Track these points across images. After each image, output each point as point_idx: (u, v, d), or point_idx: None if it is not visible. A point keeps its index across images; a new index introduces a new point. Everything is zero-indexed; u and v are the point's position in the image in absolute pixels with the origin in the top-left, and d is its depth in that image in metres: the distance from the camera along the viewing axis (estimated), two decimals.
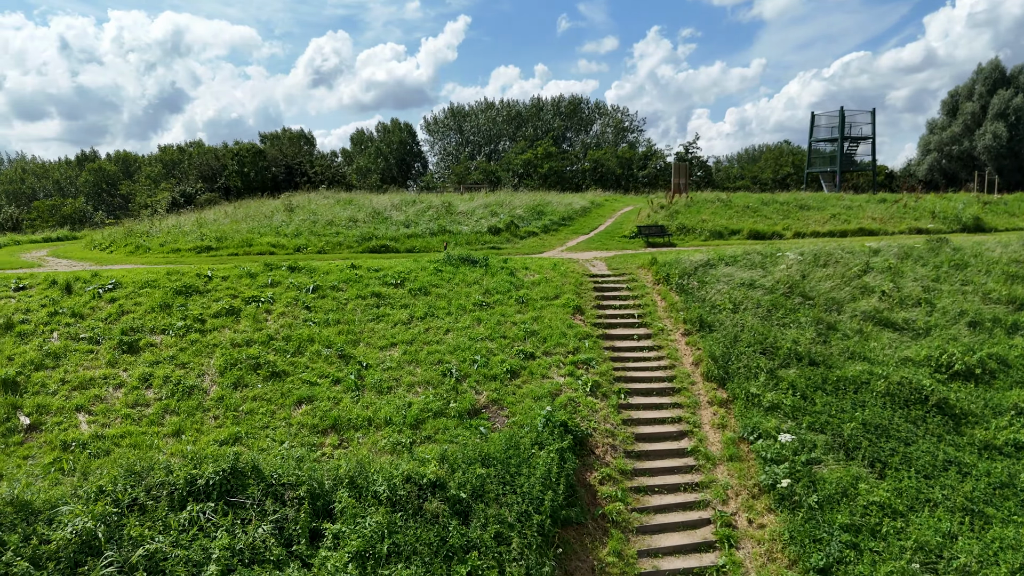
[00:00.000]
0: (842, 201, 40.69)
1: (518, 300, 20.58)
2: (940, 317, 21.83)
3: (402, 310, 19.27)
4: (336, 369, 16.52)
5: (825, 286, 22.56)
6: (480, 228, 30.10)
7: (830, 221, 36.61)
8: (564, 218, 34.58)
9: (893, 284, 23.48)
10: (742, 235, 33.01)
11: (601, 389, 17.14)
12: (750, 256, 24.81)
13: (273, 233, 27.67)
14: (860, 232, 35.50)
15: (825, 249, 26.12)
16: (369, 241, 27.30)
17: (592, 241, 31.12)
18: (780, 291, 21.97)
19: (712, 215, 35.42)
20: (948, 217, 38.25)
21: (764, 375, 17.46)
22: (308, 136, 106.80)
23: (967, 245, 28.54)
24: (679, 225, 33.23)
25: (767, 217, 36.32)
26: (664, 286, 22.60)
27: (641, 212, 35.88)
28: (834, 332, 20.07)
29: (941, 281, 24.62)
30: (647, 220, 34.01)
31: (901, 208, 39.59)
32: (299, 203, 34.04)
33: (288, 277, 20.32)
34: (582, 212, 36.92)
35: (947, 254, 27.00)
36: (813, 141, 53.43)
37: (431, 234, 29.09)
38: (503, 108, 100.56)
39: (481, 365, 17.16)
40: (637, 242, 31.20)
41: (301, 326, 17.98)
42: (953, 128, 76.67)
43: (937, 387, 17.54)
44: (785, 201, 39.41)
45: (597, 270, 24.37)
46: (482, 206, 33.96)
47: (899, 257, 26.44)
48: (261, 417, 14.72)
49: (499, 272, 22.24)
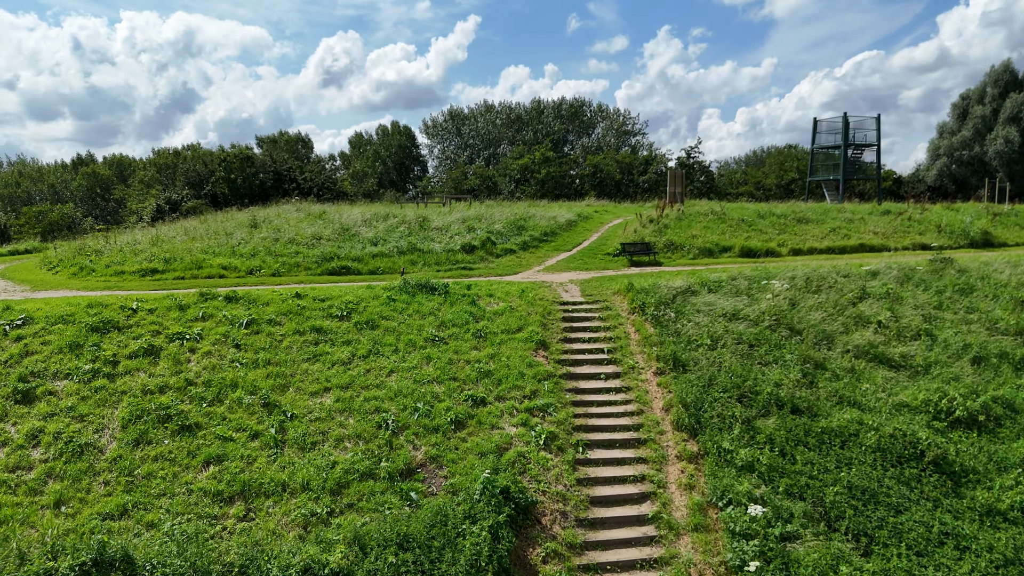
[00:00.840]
0: (843, 214, 38.71)
1: (476, 334, 18.77)
2: (941, 352, 19.91)
3: (343, 348, 17.48)
4: (256, 420, 14.76)
5: (815, 317, 20.66)
6: (453, 246, 28.32)
7: (829, 236, 34.66)
8: (546, 233, 32.75)
9: (891, 313, 21.56)
10: (734, 252, 31.10)
11: (557, 441, 15.31)
12: (735, 282, 22.93)
13: (228, 253, 25.95)
14: (860, 248, 33.53)
15: (819, 272, 24.22)
16: (330, 262, 25.53)
17: (573, 259, 29.29)
18: (765, 323, 20.09)
19: (703, 230, 33.52)
20: (955, 231, 36.22)
21: (739, 426, 15.58)
22: (305, 139, 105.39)
23: (973, 266, 26.59)
24: (667, 242, 31.35)
25: (762, 232, 34.39)
26: (639, 316, 20.76)
27: (628, 227, 34.03)
28: (822, 372, 18.17)
29: (944, 309, 22.70)
30: (633, 236, 32.16)
31: (905, 221, 37.58)
32: (267, 217, 32.36)
33: (223, 309, 18.57)
34: (567, 226, 35.07)
35: (951, 277, 25.07)
36: (816, 148, 51.43)
37: (399, 253, 27.31)
38: (503, 111, 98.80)
39: (423, 414, 15.37)
40: (620, 261, 29.34)
41: (226, 368, 16.22)
42: (963, 132, 74.42)
43: (934, 440, 15.63)
44: (783, 214, 37.46)
45: (570, 296, 22.55)
46: (459, 221, 32.17)
47: (899, 281, 24.52)
48: (159, 482, 12.96)
49: (459, 301, 20.44)
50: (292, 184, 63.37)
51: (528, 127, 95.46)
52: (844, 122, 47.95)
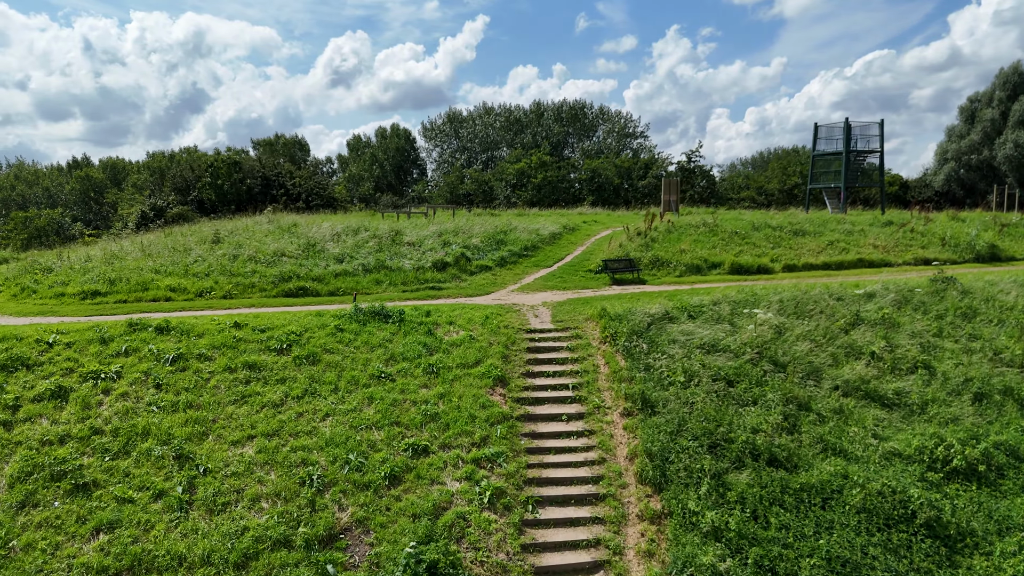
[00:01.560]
0: (842, 225, 36.95)
1: (428, 369, 17.17)
2: (939, 388, 18.21)
3: (277, 387, 15.90)
4: (164, 477, 13.19)
5: (802, 348, 18.97)
6: (424, 263, 26.72)
7: (826, 250, 32.93)
8: (526, 248, 31.11)
9: (885, 342, 19.86)
10: (723, 269, 29.40)
11: (504, 499, 13.69)
12: (718, 307, 21.26)
13: (181, 272, 24.39)
14: (859, 264, 31.78)
15: (809, 295, 22.54)
16: (288, 282, 23.95)
17: (552, 277, 27.64)
18: (746, 356, 18.42)
19: (693, 244, 31.82)
20: (960, 245, 34.43)
21: (708, 482, 13.92)
22: (302, 142, 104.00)
23: (977, 286, 24.87)
24: (653, 257, 29.67)
25: (756, 246, 32.67)
26: (611, 346, 19.12)
27: (614, 240, 32.35)
28: (806, 414, 16.48)
29: (944, 336, 21.00)
30: (618, 251, 30.48)
31: (907, 234, 35.79)
32: (234, 230, 30.84)
33: (151, 342, 17.01)
34: (550, 240, 33.41)
35: (953, 299, 23.38)
36: (816, 154, 49.59)
37: (365, 271, 25.72)
38: (502, 113, 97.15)
39: (354, 467, 13.77)
40: (602, 278, 27.69)
41: (141, 412, 14.67)
42: (972, 136, 72.36)
43: (928, 498, 13.93)
44: (778, 226, 35.74)
45: (539, 322, 20.92)
46: (435, 235, 30.57)
47: (896, 304, 22.83)
48: (37, 556, 11.40)
49: (414, 330, 18.84)
50: (281, 190, 61.87)
51: (527, 130, 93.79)
52: (846, 127, 46.11)
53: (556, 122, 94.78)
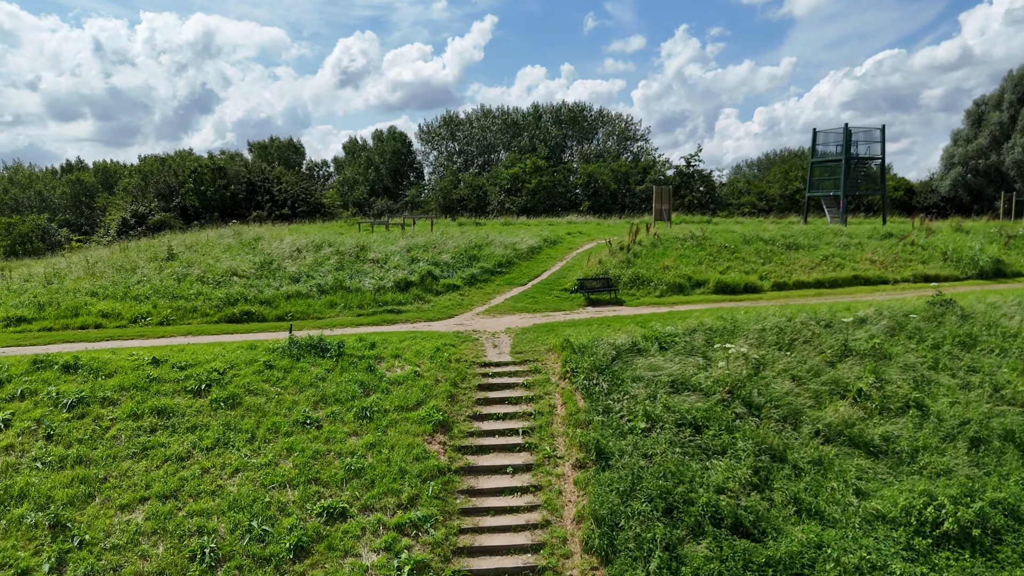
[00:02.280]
0: (839, 238, 35.09)
1: (361, 413, 15.47)
2: (932, 432, 16.42)
3: (186, 436, 14.23)
4: (33, 551, 11.53)
5: (781, 386, 17.19)
6: (386, 283, 25.02)
7: (820, 266, 31.09)
8: (501, 264, 29.37)
9: (875, 377, 18.08)
10: (708, 288, 27.60)
11: (426, 575, 11.98)
12: (692, 337, 19.50)
13: (120, 295, 22.75)
14: (854, 281, 29.93)
15: (794, 322, 20.76)
16: (233, 306, 22.27)
17: (523, 298, 25.90)
18: (718, 395, 16.66)
19: (678, 259, 30.03)
20: (962, 260, 32.53)
21: (660, 555, 12.17)
22: (296, 145, 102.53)
23: (978, 310, 23.06)
24: (633, 275, 27.89)
25: (745, 261, 30.86)
26: (570, 383, 17.39)
27: (593, 256, 30.56)
28: (780, 466, 14.71)
29: (940, 369, 19.21)
30: (597, 267, 28.70)
31: (907, 248, 33.91)
32: (194, 244, 29.21)
33: (54, 382, 15.37)
34: (528, 255, 31.66)
35: (951, 325, 21.61)
36: (815, 161, 47.67)
37: (321, 292, 24.04)
38: (500, 115, 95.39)
39: (257, 537, 12.09)
40: (577, 299, 25.95)
41: (24, 469, 13.03)
42: (979, 140, 70.25)
43: (911, 574, 12.16)
44: (771, 239, 33.90)
45: (496, 353, 19.19)
46: (403, 250, 28.86)
47: (889, 331, 21.05)
48: None
49: (353, 366, 17.14)
50: (266, 196, 60.33)
51: (525, 133, 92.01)
52: (845, 133, 44.20)
53: (555, 125, 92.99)
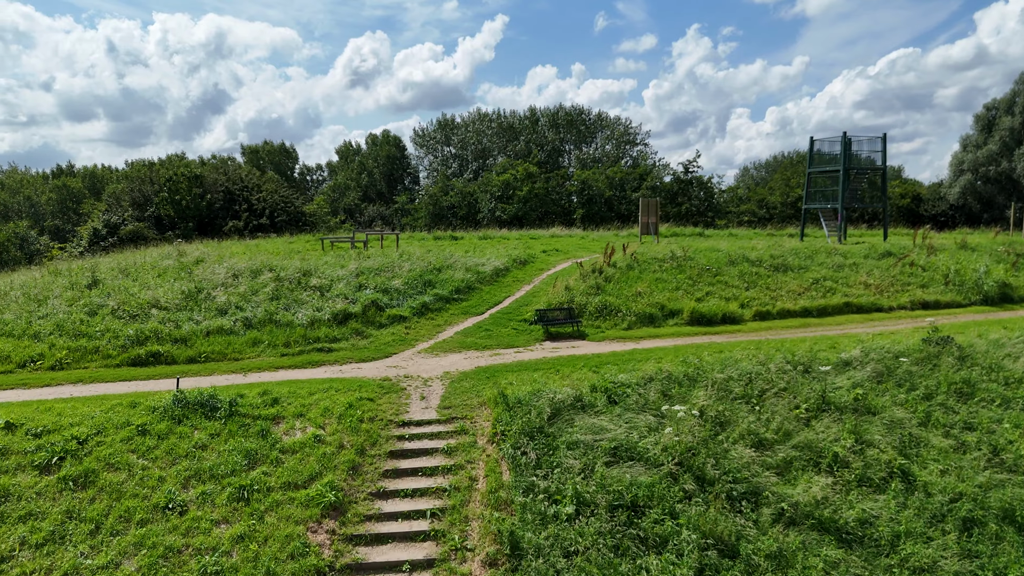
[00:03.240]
0: (832, 258, 32.54)
1: (238, 493, 13.13)
2: (917, 512, 13.99)
3: (14, 529, 11.92)
4: None
5: (741, 455, 14.76)
6: (323, 315, 22.69)
7: (809, 291, 28.57)
8: (460, 290, 26.98)
9: (855, 438, 15.67)
10: (682, 318, 25.14)
11: None
12: (647, 388, 17.09)
13: (18, 332, 20.43)
14: (845, 308, 27.40)
15: (767, 368, 18.32)
16: (141, 345, 19.98)
17: (476, 331, 23.52)
18: (666, 467, 14.25)
19: (653, 284, 27.58)
20: (965, 283, 29.93)
21: None
22: (289, 150, 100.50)
23: (979, 349, 20.62)
24: (601, 304, 25.44)
25: (727, 285, 28.37)
26: (498, 449, 15.02)
27: (559, 281, 28.05)
28: (731, 564, 12.29)
29: (931, 425, 16.77)
30: (563, 295, 26.24)
31: (906, 270, 31.32)
32: (127, 267, 26.97)
33: None
34: (492, 278, 29.23)
35: (947, 368, 19.21)
36: (811, 172, 45.04)
37: (247, 327, 21.72)
38: (495, 119, 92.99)
39: None
40: (535, 332, 23.56)
41: None
42: (989, 146, 67.33)
43: None
44: (757, 259, 31.38)
45: (422, 407, 16.83)
46: (351, 275, 26.51)
47: (876, 377, 18.65)
48: None
49: (243, 430, 14.81)
50: (243, 205, 58.15)
51: (521, 137, 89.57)
52: (844, 143, 41.56)
53: (552, 129, 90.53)
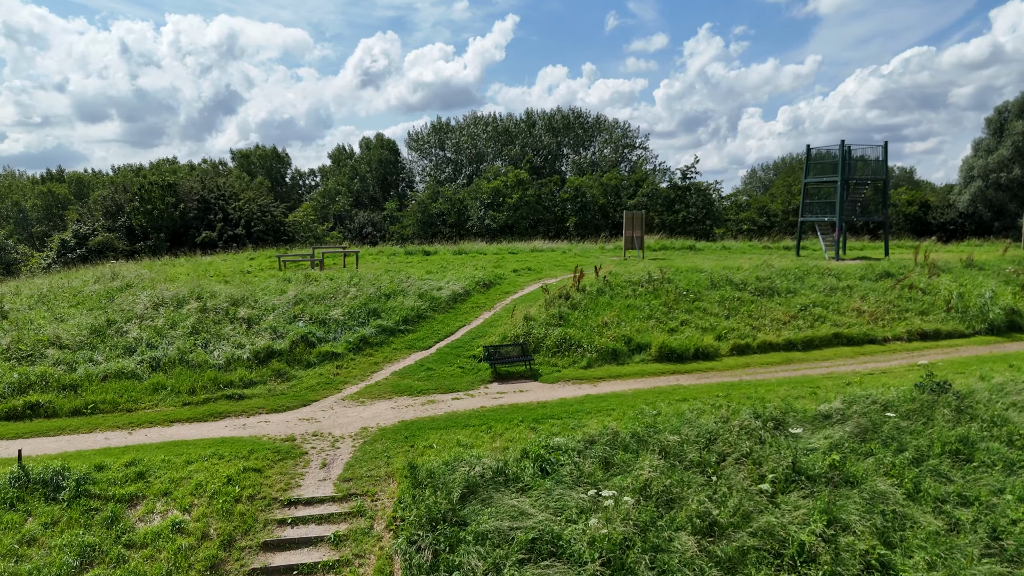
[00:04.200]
0: (824, 279, 29.87)
1: None
2: None
3: None
4: None
5: (684, 547, 12.24)
6: (244, 352, 20.28)
7: (796, 319, 25.94)
8: (408, 320, 24.48)
9: (827, 521, 13.15)
10: (650, 353, 22.60)
11: None
12: (587, 452, 14.64)
13: None
14: (834, 340, 24.79)
15: (730, 427, 15.81)
16: (23, 394, 17.56)
17: (416, 370, 21.04)
18: (591, 567, 11.75)
19: (623, 312, 25.02)
20: (969, 311, 27.24)
21: None
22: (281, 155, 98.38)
23: (980, 396, 18.16)
24: (561, 337, 22.90)
25: (705, 313, 25.78)
26: (393, 539, 12.56)
27: (516, 313, 25.50)
28: None
29: (920, 498, 14.37)
30: (521, 326, 23.68)
31: (904, 293, 28.64)
32: (43, 294, 24.64)
33: None
34: (447, 304, 26.67)
35: (942, 423, 16.81)
36: (808, 183, 42.35)
37: (155, 368, 19.32)
38: (491, 122, 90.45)
39: None
40: (482, 371, 21.09)
41: None
42: (1001, 151, 64.30)
43: None
44: (742, 282, 28.75)
45: (317, 480, 14.37)
46: (288, 302, 24.08)
47: (858, 434, 16.23)
48: None
49: (88, 516, 12.41)
50: (219, 215, 55.87)
51: (516, 141, 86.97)
52: (842, 152, 38.84)
53: (548, 132, 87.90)
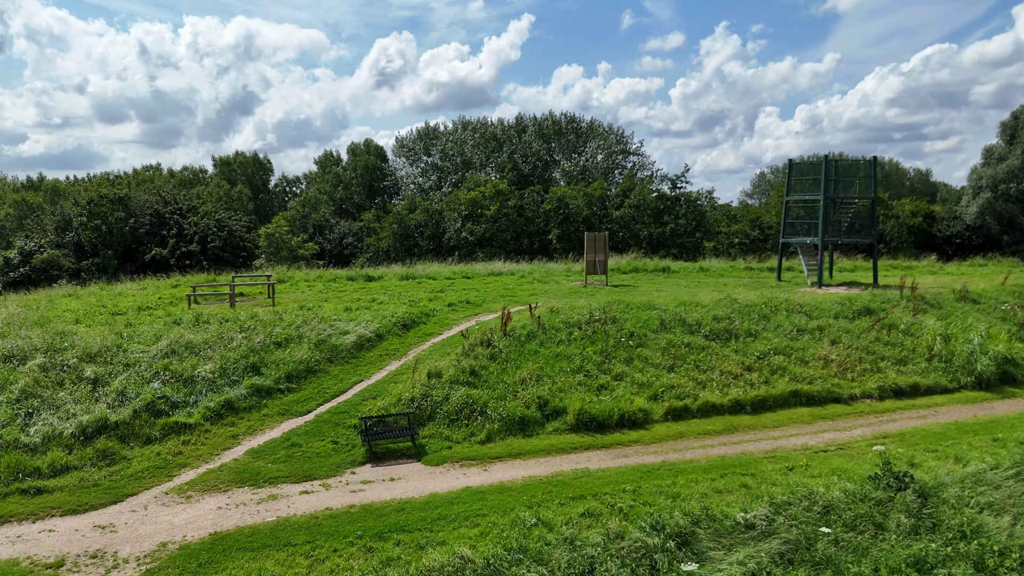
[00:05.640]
0: (792, 318, 26.19)
1: None
2: None
3: None
4: None
5: None
6: (68, 427, 17.03)
7: (751, 371, 22.37)
8: (294, 375, 21.07)
9: None
10: (567, 420, 19.13)
11: None
12: None
13: None
14: (792, 399, 21.25)
15: (609, 556, 12.36)
16: None
17: (275, 448, 17.67)
18: None
19: (549, 363, 21.57)
20: (954, 361, 23.58)
21: None
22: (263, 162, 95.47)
23: (950, 492, 14.93)
24: (462, 402, 19.44)
25: (646, 363, 22.24)
26: None
27: (417, 369, 22.05)
28: None
29: None
30: (421, 385, 20.22)
31: (883, 336, 24.97)
32: None
33: None
34: (352, 351, 23.12)
35: (896, 533, 13.49)
36: (790, 201, 38.66)
37: None
38: (479, 127, 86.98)
39: None
40: (356, 450, 17.70)
41: None
42: (1012, 160, 60.06)
43: None
44: (697, 322, 25.13)
45: None
46: (156, 355, 20.78)
47: (786, 553, 12.93)
48: None
49: None
50: (173, 230, 52.82)
51: (505, 147, 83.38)
52: (825, 168, 35.10)
53: (539, 138, 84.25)
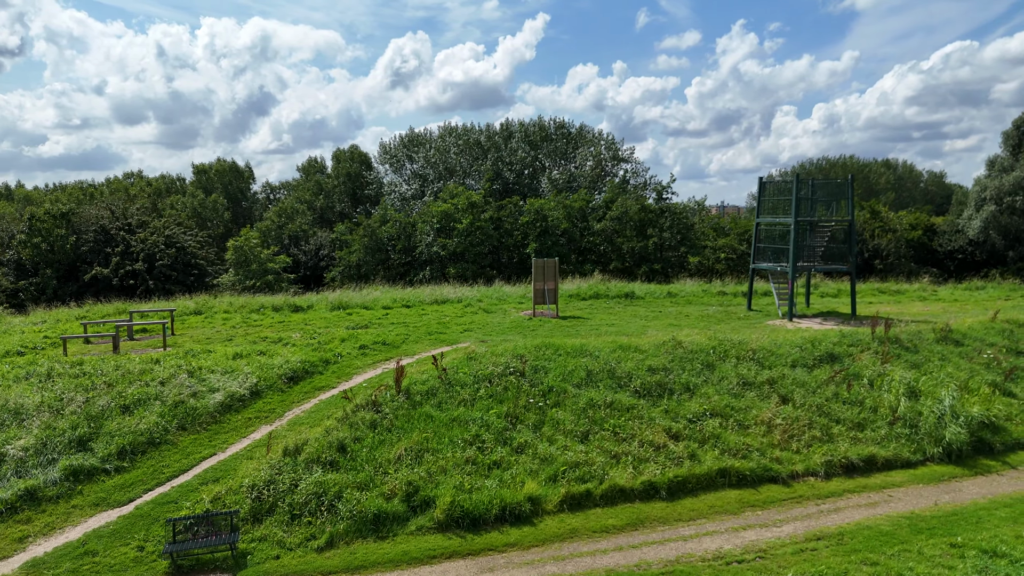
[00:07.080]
0: (742, 367, 22.70)
1: None
2: None
3: None
4: None
5: None
6: None
7: (677, 440, 19.00)
8: (130, 449, 17.80)
9: None
10: (436, 514, 15.82)
11: None
12: None
13: None
14: (718, 480, 17.89)
15: None
16: None
17: (65, 557, 14.53)
18: None
19: (440, 432, 18.30)
20: (921, 427, 20.12)
21: None
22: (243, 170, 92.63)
23: None
24: (314, 490, 16.16)
25: (557, 429, 18.90)
26: None
27: (271, 445, 18.82)
28: None
29: None
30: (271, 466, 17.03)
31: (841, 394, 21.51)
32: None
33: None
34: (216, 415, 19.83)
35: None
36: (760, 223, 35.20)
37: None
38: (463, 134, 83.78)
39: None
40: (161, 562, 14.50)
41: None
42: (1017, 171, 56.12)
43: None
44: (628, 373, 21.69)
45: None
46: None
47: None
48: None
49: None
50: (119, 247, 49.93)
51: (489, 155, 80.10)
52: (797, 186, 31.59)
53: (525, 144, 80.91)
